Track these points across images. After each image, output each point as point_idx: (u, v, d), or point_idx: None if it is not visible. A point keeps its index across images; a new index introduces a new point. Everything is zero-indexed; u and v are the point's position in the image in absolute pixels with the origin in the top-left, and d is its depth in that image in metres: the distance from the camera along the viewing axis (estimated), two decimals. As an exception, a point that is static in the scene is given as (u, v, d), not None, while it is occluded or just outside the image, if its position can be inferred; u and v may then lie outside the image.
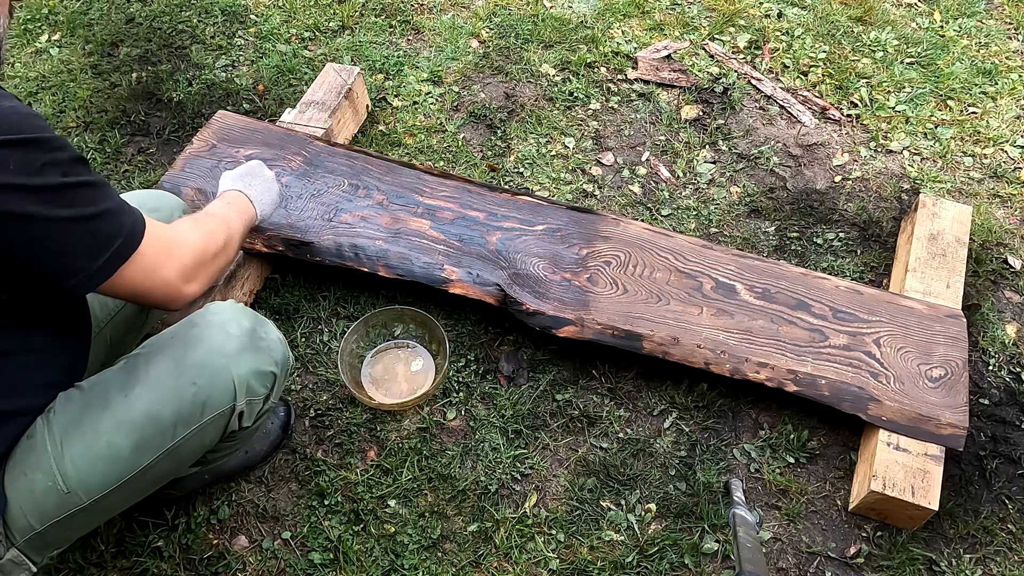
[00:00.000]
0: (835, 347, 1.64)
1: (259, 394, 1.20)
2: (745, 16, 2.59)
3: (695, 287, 1.72)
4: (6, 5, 1.05)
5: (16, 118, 0.94)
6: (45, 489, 1.09)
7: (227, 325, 1.17)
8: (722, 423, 1.68)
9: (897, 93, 2.35)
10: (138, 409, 1.11)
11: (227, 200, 1.40)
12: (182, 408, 1.13)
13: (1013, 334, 1.84)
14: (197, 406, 1.13)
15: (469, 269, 1.72)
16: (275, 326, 1.26)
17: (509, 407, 1.67)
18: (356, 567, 1.46)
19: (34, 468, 1.09)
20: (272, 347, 1.21)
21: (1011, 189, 2.13)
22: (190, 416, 1.14)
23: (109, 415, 1.11)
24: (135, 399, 1.12)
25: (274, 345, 1.22)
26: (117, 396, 1.12)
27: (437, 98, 2.30)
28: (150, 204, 1.46)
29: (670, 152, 2.20)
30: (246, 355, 1.17)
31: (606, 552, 1.50)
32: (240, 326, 1.18)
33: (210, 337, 1.15)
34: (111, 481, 1.12)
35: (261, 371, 1.19)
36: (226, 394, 1.15)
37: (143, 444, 1.12)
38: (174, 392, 1.12)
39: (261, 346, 1.19)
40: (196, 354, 1.14)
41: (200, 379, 1.13)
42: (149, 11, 2.54)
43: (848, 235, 2.02)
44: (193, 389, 1.13)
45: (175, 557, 1.46)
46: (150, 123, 2.23)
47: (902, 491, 1.46)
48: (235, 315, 1.19)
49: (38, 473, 1.09)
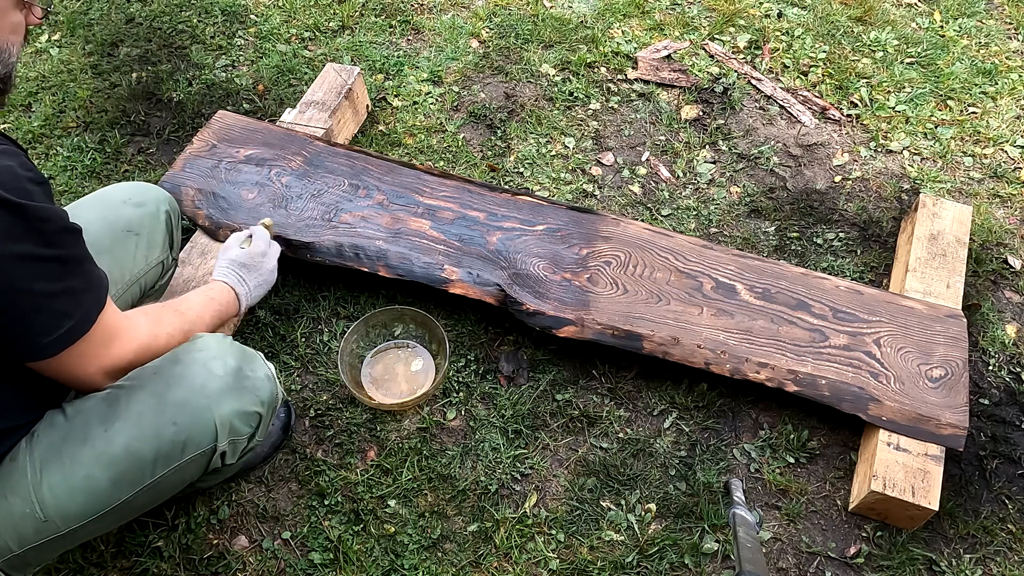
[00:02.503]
0: (835, 347, 1.64)
1: (243, 434, 1.18)
2: (745, 16, 2.59)
3: (695, 287, 1.72)
4: (20, 33, 1.04)
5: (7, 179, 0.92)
6: (23, 515, 1.07)
7: (211, 363, 1.13)
8: (722, 423, 1.68)
9: (897, 93, 2.35)
10: (118, 445, 1.09)
11: (211, 295, 1.37)
12: (161, 446, 1.10)
13: (1013, 334, 1.84)
14: (177, 445, 1.11)
15: (469, 269, 1.72)
16: (265, 361, 1.22)
17: (509, 407, 1.67)
18: (356, 567, 1.46)
19: (13, 492, 1.08)
20: (258, 386, 1.18)
21: (1011, 189, 2.13)
22: (170, 455, 1.11)
23: (89, 448, 1.09)
24: (115, 434, 1.09)
25: (260, 384, 1.18)
26: (97, 429, 1.10)
27: (437, 98, 2.30)
28: (136, 198, 1.44)
29: (670, 152, 2.20)
30: (230, 395, 1.14)
31: (606, 552, 1.50)
32: (225, 365, 1.14)
33: (193, 376, 1.12)
34: (89, 513, 1.11)
35: (245, 412, 1.16)
36: (207, 434, 1.13)
37: (121, 479, 1.10)
38: (154, 430, 1.10)
39: (246, 385, 1.16)
40: (178, 393, 1.11)
41: (180, 419, 1.10)
42: (149, 11, 2.54)
43: (848, 235, 2.02)
44: (173, 429, 1.10)
45: (175, 557, 1.46)
46: (150, 123, 2.23)
47: (902, 491, 1.46)
48: (221, 352, 1.15)
49: (17, 498, 1.07)
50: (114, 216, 1.41)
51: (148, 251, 1.44)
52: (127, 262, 1.41)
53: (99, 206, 1.42)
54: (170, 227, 1.49)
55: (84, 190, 2.03)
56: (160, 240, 1.46)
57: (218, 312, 1.35)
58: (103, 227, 1.38)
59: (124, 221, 1.41)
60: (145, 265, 1.43)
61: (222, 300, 1.38)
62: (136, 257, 1.42)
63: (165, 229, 1.48)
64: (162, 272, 1.49)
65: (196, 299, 1.33)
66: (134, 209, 1.43)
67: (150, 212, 1.45)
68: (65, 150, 2.13)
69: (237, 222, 1.76)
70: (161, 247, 1.47)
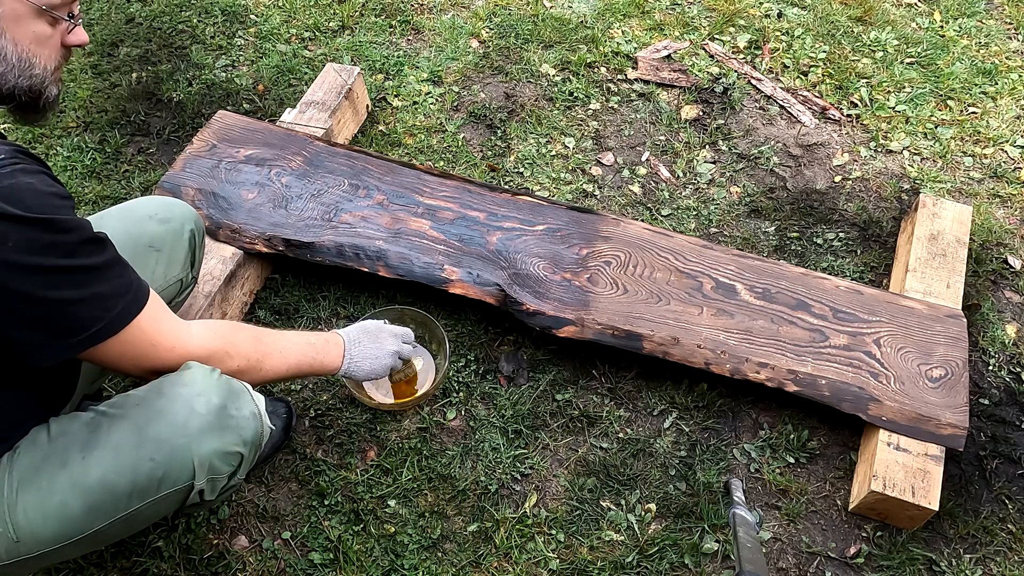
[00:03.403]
0: (835, 347, 1.64)
1: (222, 473, 1.15)
2: (745, 16, 2.59)
3: (695, 287, 1.72)
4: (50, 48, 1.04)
5: (29, 195, 0.93)
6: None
7: (194, 400, 1.10)
8: (722, 423, 1.68)
9: (897, 93, 2.35)
10: (93, 475, 1.08)
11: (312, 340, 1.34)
12: (137, 481, 1.09)
13: (1013, 334, 1.84)
14: (153, 481, 1.09)
15: (469, 269, 1.72)
16: (254, 398, 1.18)
17: (509, 407, 1.67)
18: (356, 567, 1.46)
19: None
20: (242, 425, 1.15)
21: (1011, 189, 2.13)
22: (145, 490, 1.10)
23: (65, 475, 1.08)
24: (92, 464, 1.08)
25: (245, 423, 1.15)
26: (76, 455, 1.09)
27: (437, 98, 2.30)
28: (162, 214, 1.43)
29: (670, 152, 2.20)
30: (210, 435, 1.11)
31: (606, 552, 1.50)
32: (208, 403, 1.11)
33: (174, 412, 1.10)
34: (61, 538, 1.09)
35: (226, 451, 1.13)
36: (184, 472, 1.11)
37: (95, 509, 1.09)
38: (131, 464, 1.08)
39: (229, 424, 1.13)
40: (157, 428, 1.09)
41: (158, 455, 1.08)
42: (149, 11, 2.54)
43: (848, 235, 2.02)
44: (150, 464, 1.08)
45: (175, 557, 1.46)
46: (150, 123, 2.23)
47: (902, 491, 1.46)
48: (206, 389, 1.12)
49: None
50: (138, 231, 1.40)
51: (168, 268, 1.43)
52: (146, 278, 1.39)
53: (124, 219, 1.41)
54: (193, 245, 1.47)
55: (84, 190, 2.03)
56: (181, 258, 1.45)
57: (311, 359, 1.32)
58: (126, 240, 1.37)
59: (148, 236, 1.40)
60: (164, 282, 1.42)
61: (321, 349, 1.34)
62: (155, 273, 1.41)
63: (188, 247, 1.46)
64: (180, 289, 1.48)
65: (292, 337, 1.31)
66: (159, 225, 1.42)
67: (174, 229, 1.43)
68: (65, 150, 2.13)
69: (237, 222, 1.76)
70: (182, 265, 1.45)
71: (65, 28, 1.05)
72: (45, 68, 1.04)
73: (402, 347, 1.47)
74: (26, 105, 1.05)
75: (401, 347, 1.47)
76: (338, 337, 1.39)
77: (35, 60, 1.02)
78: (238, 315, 1.77)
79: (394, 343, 1.45)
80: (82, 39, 1.08)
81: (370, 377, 1.43)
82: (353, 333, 1.41)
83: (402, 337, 1.48)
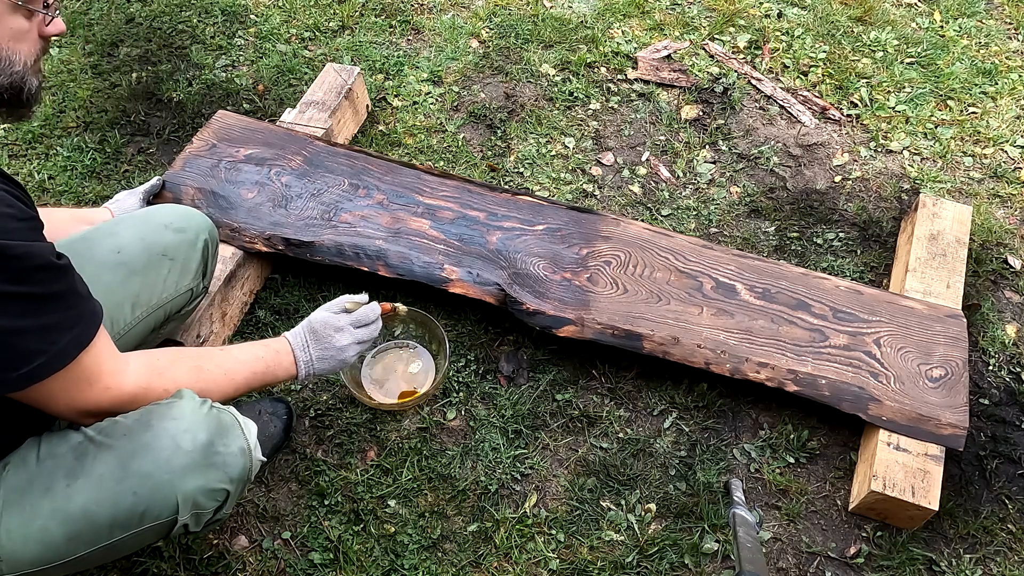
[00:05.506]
0: (835, 347, 1.64)
1: (207, 508, 1.13)
2: (745, 16, 2.59)
3: (695, 287, 1.72)
4: (28, 42, 1.01)
5: None
6: None
7: (180, 437, 1.09)
8: (722, 423, 1.68)
9: (897, 93, 2.35)
10: (76, 504, 1.07)
11: (260, 354, 1.29)
12: (119, 514, 1.08)
13: (1013, 334, 1.84)
14: (135, 515, 1.08)
15: (469, 269, 1.72)
16: (244, 431, 1.16)
17: (509, 407, 1.67)
18: (356, 567, 1.46)
19: None
20: (229, 462, 1.13)
21: (1011, 189, 2.13)
22: (127, 522, 1.09)
23: (49, 501, 1.07)
24: (75, 492, 1.07)
25: (232, 460, 1.13)
26: (60, 482, 1.08)
27: (437, 98, 2.30)
28: (177, 223, 1.43)
29: (670, 152, 2.20)
30: (195, 472, 1.09)
31: (606, 552, 1.50)
32: (194, 440, 1.09)
33: (159, 448, 1.08)
34: (41, 563, 1.08)
35: (211, 489, 1.12)
36: (167, 508, 1.09)
37: (77, 537, 1.08)
38: (113, 496, 1.07)
39: (215, 462, 1.11)
40: (142, 463, 1.08)
41: (141, 490, 1.07)
42: (149, 11, 2.54)
43: (848, 235, 2.02)
44: (132, 499, 1.07)
45: (175, 557, 1.46)
46: (150, 123, 2.23)
47: (902, 491, 1.46)
48: (193, 425, 1.10)
49: None
50: (153, 239, 1.40)
51: (180, 277, 1.43)
52: (157, 286, 1.40)
53: (141, 226, 1.41)
54: (206, 256, 1.47)
55: (84, 190, 2.03)
56: (194, 268, 1.45)
57: (262, 373, 1.28)
58: (140, 248, 1.37)
59: (162, 245, 1.40)
60: (175, 291, 1.42)
61: (272, 361, 1.30)
62: (167, 282, 1.40)
63: (201, 257, 1.46)
64: (191, 298, 1.48)
65: (239, 354, 1.28)
66: (174, 234, 1.42)
67: (188, 239, 1.43)
68: (65, 150, 2.13)
69: (237, 221, 1.76)
70: (193, 275, 1.45)
71: (42, 20, 1.03)
72: (25, 64, 1.01)
73: (358, 333, 1.39)
74: (9, 102, 1.03)
75: (357, 334, 1.39)
76: (286, 344, 1.34)
77: (15, 57, 1.00)
78: (238, 315, 1.77)
79: (346, 336, 1.37)
80: (60, 29, 1.05)
81: (337, 370, 1.39)
82: (299, 338, 1.35)
83: (354, 323, 1.39)
